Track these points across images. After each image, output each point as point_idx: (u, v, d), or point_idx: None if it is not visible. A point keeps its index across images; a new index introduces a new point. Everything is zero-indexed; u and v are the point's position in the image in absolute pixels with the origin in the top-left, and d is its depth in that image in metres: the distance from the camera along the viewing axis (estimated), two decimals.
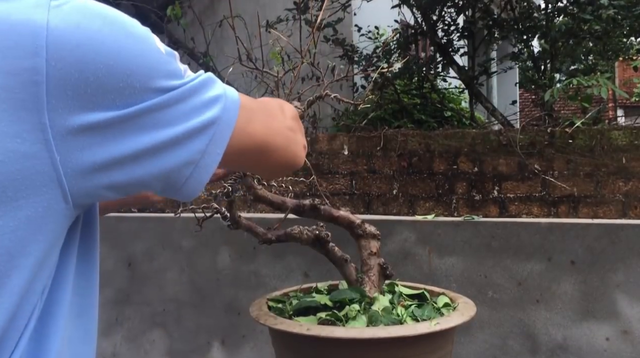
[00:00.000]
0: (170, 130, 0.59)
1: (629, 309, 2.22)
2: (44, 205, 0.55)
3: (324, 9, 1.77)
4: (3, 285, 0.55)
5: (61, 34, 0.54)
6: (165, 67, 0.60)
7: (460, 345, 2.38)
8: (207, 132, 0.61)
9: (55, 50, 0.53)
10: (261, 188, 1.59)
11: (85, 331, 0.67)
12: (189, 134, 0.60)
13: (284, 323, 1.35)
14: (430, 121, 4.42)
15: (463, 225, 2.45)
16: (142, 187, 0.62)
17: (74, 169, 0.56)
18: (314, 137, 2.89)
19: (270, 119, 0.74)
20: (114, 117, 0.56)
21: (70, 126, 0.54)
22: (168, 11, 4.49)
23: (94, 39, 0.55)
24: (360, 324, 1.36)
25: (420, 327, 1.29)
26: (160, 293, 2.90)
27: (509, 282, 2.37)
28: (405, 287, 1.64)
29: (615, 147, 2.45)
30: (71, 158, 0.55)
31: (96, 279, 0.70)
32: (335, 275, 1.88)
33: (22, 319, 0.57)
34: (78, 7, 0.56)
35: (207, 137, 0.61)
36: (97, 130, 0.56)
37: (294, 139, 0.78)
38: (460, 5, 4.53)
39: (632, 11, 3.83)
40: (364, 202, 2.79)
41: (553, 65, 4.35)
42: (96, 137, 0.56)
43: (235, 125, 0.64)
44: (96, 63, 0.55)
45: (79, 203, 0.59)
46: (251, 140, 0.69)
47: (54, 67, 0.53)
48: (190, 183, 0.62)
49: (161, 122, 0.59)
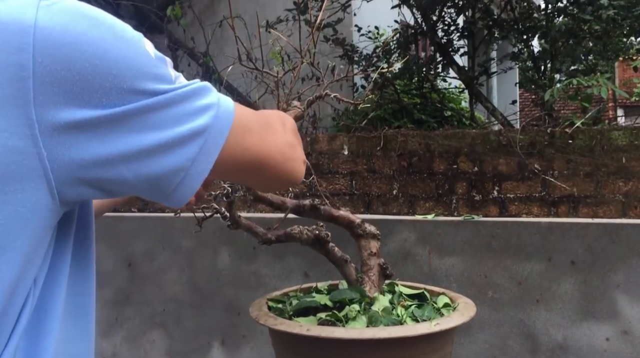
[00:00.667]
0: (159, 134, 0.59)
1: (629, 309, 2.22)
2: (32, 200, 0.56)
3: (324, 9, 1.77)
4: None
5: (48, 33, 0.55)
6: (153, 71, 0.60)
7: (460, 345, 2.38)
8: (197, 139, 0.61)
9: (42, 47, 0.54)
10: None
11: (82, 330, 0.68)
12: (179, 139, 0.60)
13: (284, 323, 1.35)
14: (430, 121, 4.42)
15: (463, 225, 2.45)
16: (130, 189, 0.62)
17: (60, 166, 0.56)
18: (314, 137, 2.89)
19: (269, 132, 0.73)
20: (101, 116, 0.57)
21: (57, 122, 0.55)
22: (168, 11, 4.49)
23: (81, 38, 0.56)
24: (360, 325, 1.36)
25: (420, 327, 1.29)
26: (160, 293, 2.90)
27: (509, 282, 2.37)
28: (405, 287, 1.64)
29: (615, 147, 2.45)
30: (58, 154, 0.56)
31: (92, 278, 0.71)
32: (335, 275, 1.88)
33: (12, 314, 0.57)
34: (67, 8, 0.57)
35: (198, 145, 0.61)
36: (84, 128, 0.56)
37: (293, 155, 0.76)
38: (460, 6, 4.53)
39: (632, 11, 3.83)
40: (364, 202, 2.79)
41: (553, 65, 4.35)
42: (83, 135, 0.57)
43: (228, 135, 0.64)
44: (82, 61, 0.56)
45: (66, 200, 0.59)
46: (246, 154, 0.68)
47: (40, 63, 0.54)
48: (180, 191, 0.62)
49: (149, 124, 0.59)
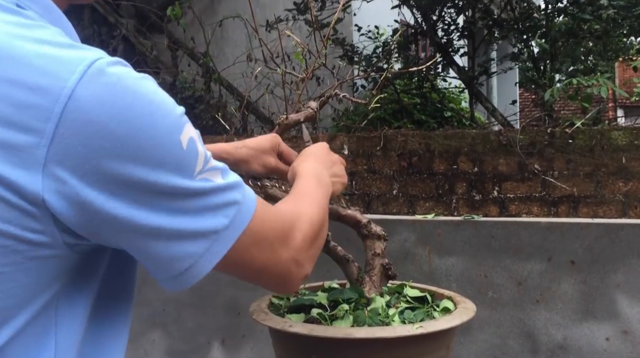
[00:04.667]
0: (175, 220, 0.59)
1: (629, 309, 2.23)
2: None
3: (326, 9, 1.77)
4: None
5: (80, 106, 0.53)
6: (178, 163, 0.59)
7: (460, 345, 2.38)
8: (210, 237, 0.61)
9: (68, 120, 0.53)
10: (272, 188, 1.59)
11: None
12: (192, 233, 0.60)
13: (272, 319, 1.37)
14: (430, 121, 4.42)
15: (463, 225, 2.45)
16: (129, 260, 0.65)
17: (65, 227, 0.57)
18: (314, 137, 2.89)
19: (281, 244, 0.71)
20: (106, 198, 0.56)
21: (65, 193, 0.55)
22: (168, 11, 4.48)
23: (110, 120, 0.54)
24: (345, 324, 1.36)
25: (400, 329, 1.28)
26: (160, 293, 2.90)
27: (509, 282, 2.37)
28: (413, 289, 1.63)
29: (615, 147, 2.45)
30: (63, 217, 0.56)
31: (122, 328, 0.70)
32: (335, 275, 1.88)
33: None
34: (113, 83, 0.55)
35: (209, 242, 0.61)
36: (89, 206, 0.56)
37: (295, 273, 0.74)
38: (460, 6, 4.53)
39: (632, 11, 3.83)
40: (364, 202, 2.80)
41: (553, 65, 4.35)
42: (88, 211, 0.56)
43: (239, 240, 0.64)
44: (103, 141, 0.54)
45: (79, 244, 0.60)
46: (249, 262, 0.68)
47: (61, 134, 0.53)
48: (182, 279, 0.63)
49: (168, 209, 0.59)
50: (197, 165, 0.60)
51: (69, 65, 0.54)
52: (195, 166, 0.60)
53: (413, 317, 1.40)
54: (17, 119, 0.53)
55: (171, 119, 0.58)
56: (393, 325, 1.36)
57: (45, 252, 0.56)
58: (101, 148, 0.54)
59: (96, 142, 0.54)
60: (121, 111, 0.55)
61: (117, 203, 0.56)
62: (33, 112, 0.53)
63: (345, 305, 1.45)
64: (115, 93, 0.55)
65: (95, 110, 0.54)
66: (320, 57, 1.63)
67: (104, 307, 0.66)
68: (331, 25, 1.71)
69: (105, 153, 0.54)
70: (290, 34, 1.71)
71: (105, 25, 5.56)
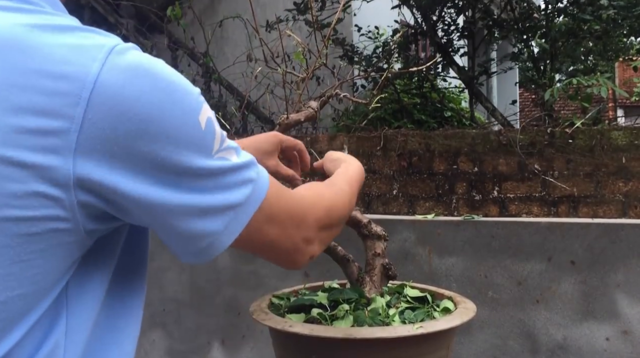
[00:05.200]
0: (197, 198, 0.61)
1: (629, 309, 2.23)
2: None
3: (326, 9, 1.77)
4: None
5: (105, 90, 0.56)
6: (198, 142, 0.61)
7: (460, 345, 2.38)
8: (228, 214, 0.64)
9: (96, 104, 0.55)
10: None
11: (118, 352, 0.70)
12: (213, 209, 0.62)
13: (272, 319, 1.37)
14: (430, 121, 4.42)
15: (463, 225, 2.45)
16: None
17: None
18: (314, 137, 2.89)
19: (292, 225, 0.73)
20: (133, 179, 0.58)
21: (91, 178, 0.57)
22: (168, 11, 4.49)
23: (136, 101, 0.57)
24: (346, 324, 1.36)
25: (401, 329, 1.28)
26: (160, 293, 2.91)
27: (509, 282, 2.37)
28: (413, 289, 1.63)
29: (615, 147, 2.45)
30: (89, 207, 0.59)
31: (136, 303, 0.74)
32: (335, 275, 1.88)
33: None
34: (132, 65, 0.58)
35: (228, 219, 0.64)
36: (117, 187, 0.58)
37: (303, 249, 0.77)
38: (460, 6, 4.53)
39: (632, 11, 3.83)
40: (364, 202, 2.80)
41: (553, 65, 4.35)
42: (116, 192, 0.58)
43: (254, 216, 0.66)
44: (130, 123, 0.56)
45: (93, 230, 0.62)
46: (261, 239, 0.70)
47: (90, 119, 0.55)
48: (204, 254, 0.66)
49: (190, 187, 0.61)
50: (214, 144, 0.62)
51: (90, 52, 0.57)
52: (213, 145, 0.62)
53: (413, 317, 1.39)
54: (49, 107, 0.55)
55: (191, 99, 0.61)
56: (393, 325, 1.36)
57: (67, 239, 0.58)
58: (128, 130, 0.56)
59: (123, 125, 0.56)
60: (144, 93, 0.57)
61: (144, 183, 0.58)
62: (62, 98, 0.55)
63: (346, 305, 1.45)
64: (136, 76, 0.57)
65: (120, 94, 0.56)
66: (321, 57, 1.63)
67: (118, 286, 0.69)
68: (332, 26, 1.71)
69: (131, 135, 0.56)
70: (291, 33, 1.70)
71: (105, 25, 5.56)
